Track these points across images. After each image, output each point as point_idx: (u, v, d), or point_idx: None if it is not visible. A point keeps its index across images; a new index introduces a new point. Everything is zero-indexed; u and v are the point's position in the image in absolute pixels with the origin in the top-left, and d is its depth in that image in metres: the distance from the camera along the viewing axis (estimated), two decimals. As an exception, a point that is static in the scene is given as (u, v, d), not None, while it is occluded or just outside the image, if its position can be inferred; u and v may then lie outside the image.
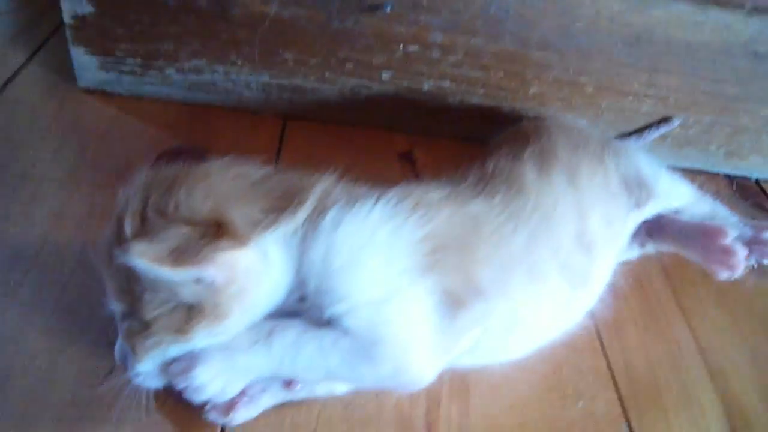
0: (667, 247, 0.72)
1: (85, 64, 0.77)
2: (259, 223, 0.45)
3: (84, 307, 0.56)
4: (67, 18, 0.73)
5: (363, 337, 0.45)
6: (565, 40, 0.76)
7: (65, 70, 0.80)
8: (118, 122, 0.77)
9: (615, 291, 0.65)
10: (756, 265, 0.69)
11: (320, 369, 0.46)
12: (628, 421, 0.57)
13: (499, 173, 0.57)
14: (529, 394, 0.58)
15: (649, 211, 0.69)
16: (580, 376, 0.60)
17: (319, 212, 0.47)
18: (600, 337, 0.64)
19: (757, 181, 0.92)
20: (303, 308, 0.47)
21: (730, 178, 0.91)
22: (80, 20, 0.73)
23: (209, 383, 0.45)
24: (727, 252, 0.68)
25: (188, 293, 0.43)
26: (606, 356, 0.62)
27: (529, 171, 0.58)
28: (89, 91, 0.80)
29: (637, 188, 0.66)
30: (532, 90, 0.80)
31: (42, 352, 0.52)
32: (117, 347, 0.47)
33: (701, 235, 0.69)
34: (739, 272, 0.67)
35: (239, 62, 0.77)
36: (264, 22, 0.74)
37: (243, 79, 0.79)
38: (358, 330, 0.45)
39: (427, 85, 0.80)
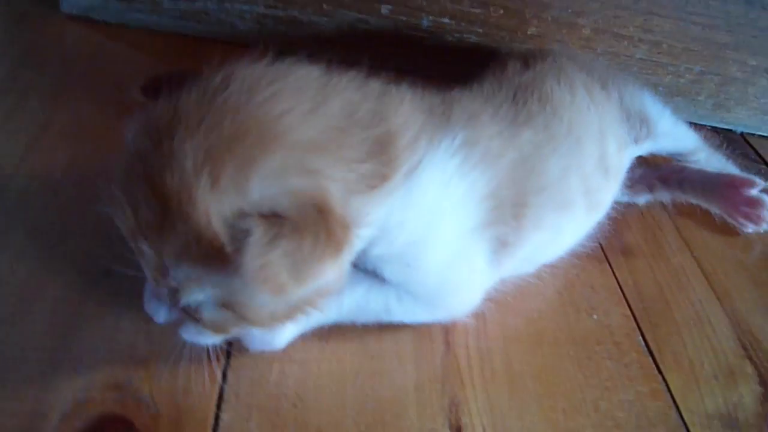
0: (686, 198, 0.71)
1: (71, -15, 0.73)
2: (360, 196, 0.38)
3: (75, 211, 0.52)
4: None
5: (428, 297, 0.48)
6: (564, -22, 0.76)
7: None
8: (104, 48, 0.73)
9: (619, 222, 0.65)
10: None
11: (381, 319, 0.48)
12: (642, 333, 0.56)
13: (527, 87, 0.56)
14: (545, 307, 0.57)
15: (645, 149, 0.69)
16: (592, 292, 0.59)
17: (406, 173, 0.42)
18: (608, 260, 0.63)
19: (742, 134, 0.94)
20: (361, 261, 0.44)
21: (716, 131, 0.93)
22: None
23: (278, 338, 0.45)
24: (754, 203, 0.68)
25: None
26: (615, 277, 0.62)
27: (557, 89, 0.56)
28: (72, 18, 0.75)
29: (638, 123, 0.66)
30: (531, 30, 0.80)
31: (31, 251, 0.48)
32: (153, 307, 0.41)
33: (726, 185, 0.70)
34: (766, 225, 0.68)
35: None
36: (262, -53, 0.71)
37: (237, 9, 0.76)
38: (424, 292, 0.47)
39: (426, 22, 0.79)
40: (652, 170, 0.73)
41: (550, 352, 0.52)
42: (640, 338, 0.56)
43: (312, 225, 0.34)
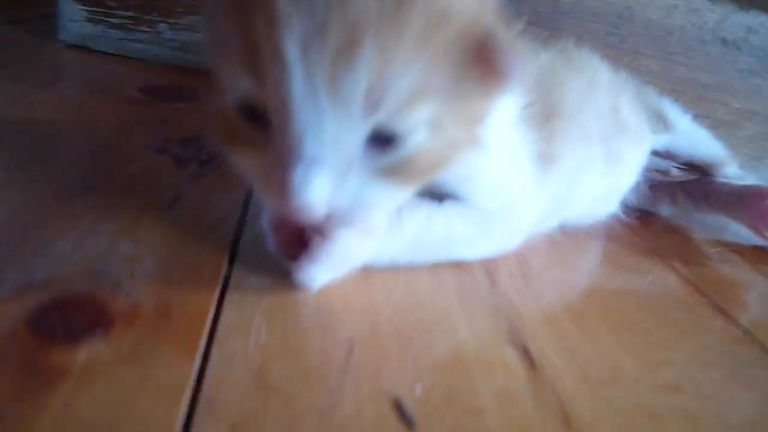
0: (711, 211, 0.68)
1: (72, 13, 0.74)
2: None
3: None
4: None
5: (491, 208, 0.42)
6: (556, 17, 0.80)
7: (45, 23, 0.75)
8: (101, 73, 0.71)
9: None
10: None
11: (443, 248, 0.41)
12: (707, 296, 0.49)
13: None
14: (590, 265, 0.49)
15: (663, 144, 0.67)
16: (641, 256, 0.52)
17: None
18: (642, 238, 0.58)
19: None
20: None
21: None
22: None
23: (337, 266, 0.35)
24: None
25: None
26: (656, 251, 0.55)
27: (571, 43, 0.57)
28: (70, 47, 0.75)
29: (654, 117, 0.65)
30: (525, 68, 0.82)
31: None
32: (309, 176, 0.28)
33: (753, 196, 0.67)
34: None
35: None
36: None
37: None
38: (487, 202, 0.41)
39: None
40: (676, 182, 0.71)
41: (612, 300, 0.44)
42: (707, 301, 0.48)
43: None
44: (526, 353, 0.34)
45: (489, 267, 0.44)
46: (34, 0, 0.80)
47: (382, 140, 0.30)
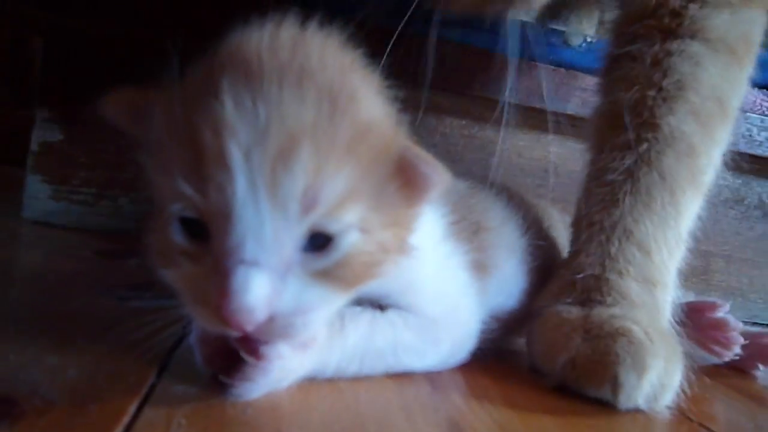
0: None
1: (37, 191, 0.78)
2: None
3: None
4: (34, 145, 0.78)
5: (430, 313, 0.43)
6: (487, 173, 0.88)
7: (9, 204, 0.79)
8: (59, 242, 0.74)
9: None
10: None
11: (391, 356, 0.41)
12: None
13: None
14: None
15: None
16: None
17: None
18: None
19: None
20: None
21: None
22: (46, 147, 0.78)
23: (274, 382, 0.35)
24: (721, 326, 0.66)
25: None
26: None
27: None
28: (33, 223, 0.78)
29: None
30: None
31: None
32: (249, 278, 0.30)
33: (691, 311, 0.69)
34: (734, 350, 0.64)
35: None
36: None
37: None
38: (426, 308, 0.43)
39: None
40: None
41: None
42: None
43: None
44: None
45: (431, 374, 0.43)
46: (3, 187, 0.85)
47: (317, 243, 0.32)
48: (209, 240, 0.31)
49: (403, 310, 0.42)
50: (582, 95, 0.83)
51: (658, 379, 0.44)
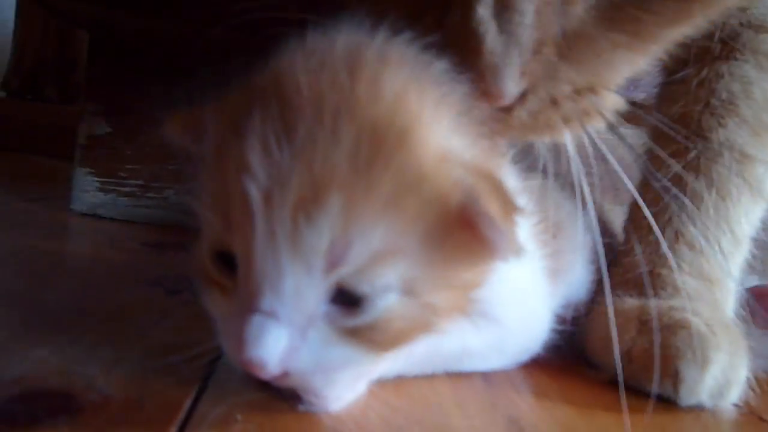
0: None
1: (85, 185, 0.80)
2: None
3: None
4: (81, 138, 0.79)
5: (507, 318, 0.39)
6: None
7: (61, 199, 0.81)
8: (107, 234, 0.75)
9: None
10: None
11: (455, 361, 0.39)
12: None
13: None
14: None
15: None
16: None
17: None
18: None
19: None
20: None
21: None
22: (93, 140, 0.80)
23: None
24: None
25: None
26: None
27: None
28: (81, 215, 0.80)
29: None
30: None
31: None
32: (268, 335, 0.27)
33: (758, 296, 0.66)
34: None
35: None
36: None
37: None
38: (503, 313, 0.39)
39: None
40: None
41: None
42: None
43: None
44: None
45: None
46: (53, 180, 0.87)
47: (346, 300, 0.28)
48: (237, 277, 0.28)
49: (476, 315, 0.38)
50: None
51: (723, 373, 0.42)
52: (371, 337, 0.28)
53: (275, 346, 0.26)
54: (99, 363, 0.33)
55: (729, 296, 0.51)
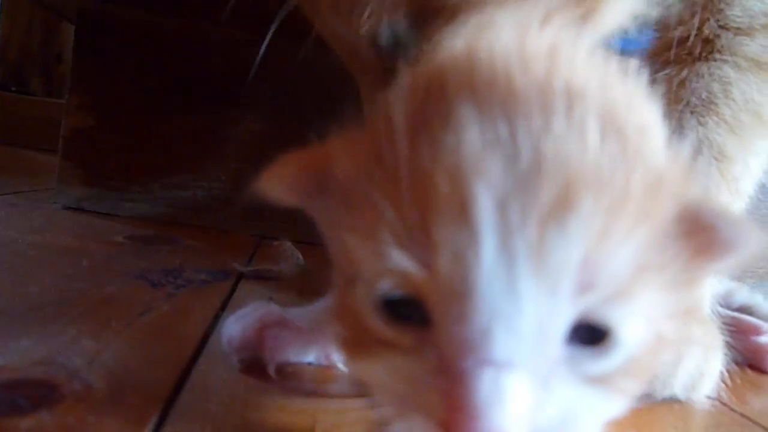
0: None
1: (69, 178, 0.80)
2: None
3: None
4: (65, 131, 0.79)
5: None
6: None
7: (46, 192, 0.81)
8: (90, 226, 0.75)
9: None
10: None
11: None
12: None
13: None
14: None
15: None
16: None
17: None
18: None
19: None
20: None
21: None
22: (77, 133, 0.79)
23: None
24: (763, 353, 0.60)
25: None
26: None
27: None
28: (65, 208, 0.79)
29: None
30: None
31: None
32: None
33: (737, 329, 0.64)
34: None
35: (223, 178, 0.82)
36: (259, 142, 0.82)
37: (224, 197, 0.82)
38: None
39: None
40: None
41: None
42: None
43: None
44: None
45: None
46: (37, 173, 0.87)
47: (585, 335, 0.22)
48: (430, 327, 0.22)
49: None
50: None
51: (696, 366, 0.43)
52: (618, 382, 0.23)
53: (520, 406, 0.20)
54: (82, 354, 0.34)
55: (706, 290, 0.52)
